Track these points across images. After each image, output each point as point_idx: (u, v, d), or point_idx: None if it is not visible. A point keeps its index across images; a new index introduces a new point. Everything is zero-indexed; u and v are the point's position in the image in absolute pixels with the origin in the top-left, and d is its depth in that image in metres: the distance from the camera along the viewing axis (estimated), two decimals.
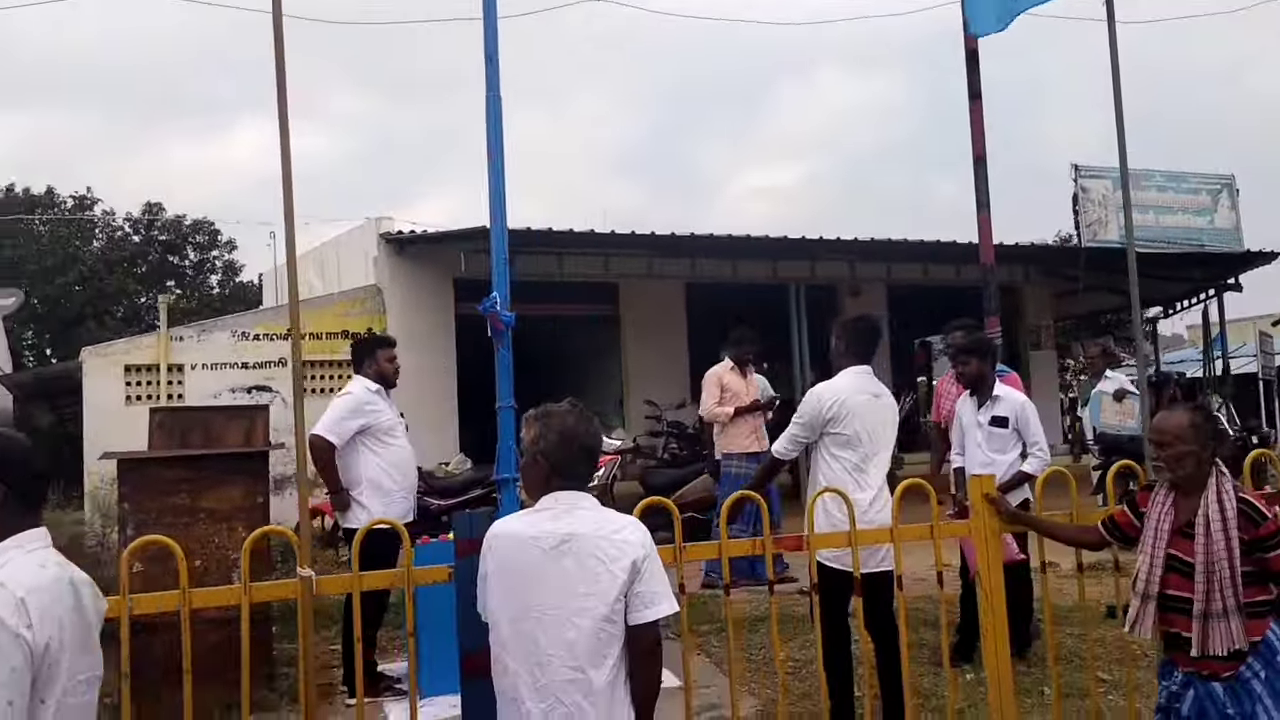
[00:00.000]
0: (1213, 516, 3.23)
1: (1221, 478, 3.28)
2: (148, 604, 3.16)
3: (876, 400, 4.82)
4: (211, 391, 12.22)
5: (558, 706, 2.65)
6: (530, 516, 2.89)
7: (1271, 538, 3.19)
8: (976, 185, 6.88)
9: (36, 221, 27.91)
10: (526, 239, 11.82)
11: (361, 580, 3.35)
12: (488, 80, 6.17)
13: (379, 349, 6.15)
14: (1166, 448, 3.34)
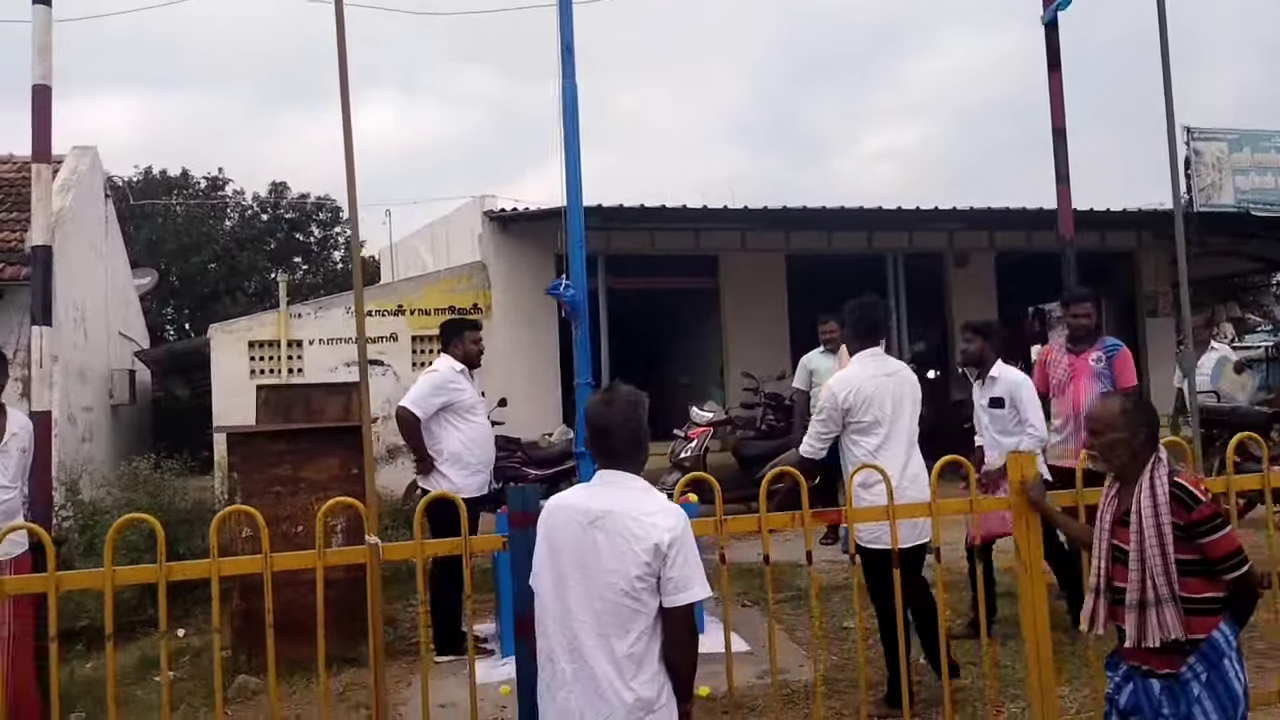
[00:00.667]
0: (1144, 503, 3.15)
1: (1158, 464, 3.19)
2: (233, 566, 3.53)
3: (890, 379, 4.93)
4: (328, 366, 12.85)
5: (585, 668, 2.86)
6: (582, 491, 3.12)
7: (1205, 522, 3.08)
8: (1056, 158, 6.80)
9: (173, 203, 29.46)
10: (619, 215, 12.09)
11: (423, 548, 3.65)
12: (564, 69, 6.47)
13: (466, 331, 6.50)
14: (1098, 436, 3.28)
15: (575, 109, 6.42)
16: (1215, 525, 3.09)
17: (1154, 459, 3.22)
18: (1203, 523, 3.10)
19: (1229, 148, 12.67)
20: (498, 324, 13.28)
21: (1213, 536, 3.09)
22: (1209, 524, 3.09)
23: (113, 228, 14.53)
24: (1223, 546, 3.08)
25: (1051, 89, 6.74)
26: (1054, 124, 6.79)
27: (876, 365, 4.97)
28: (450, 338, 6.52)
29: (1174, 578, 3.09)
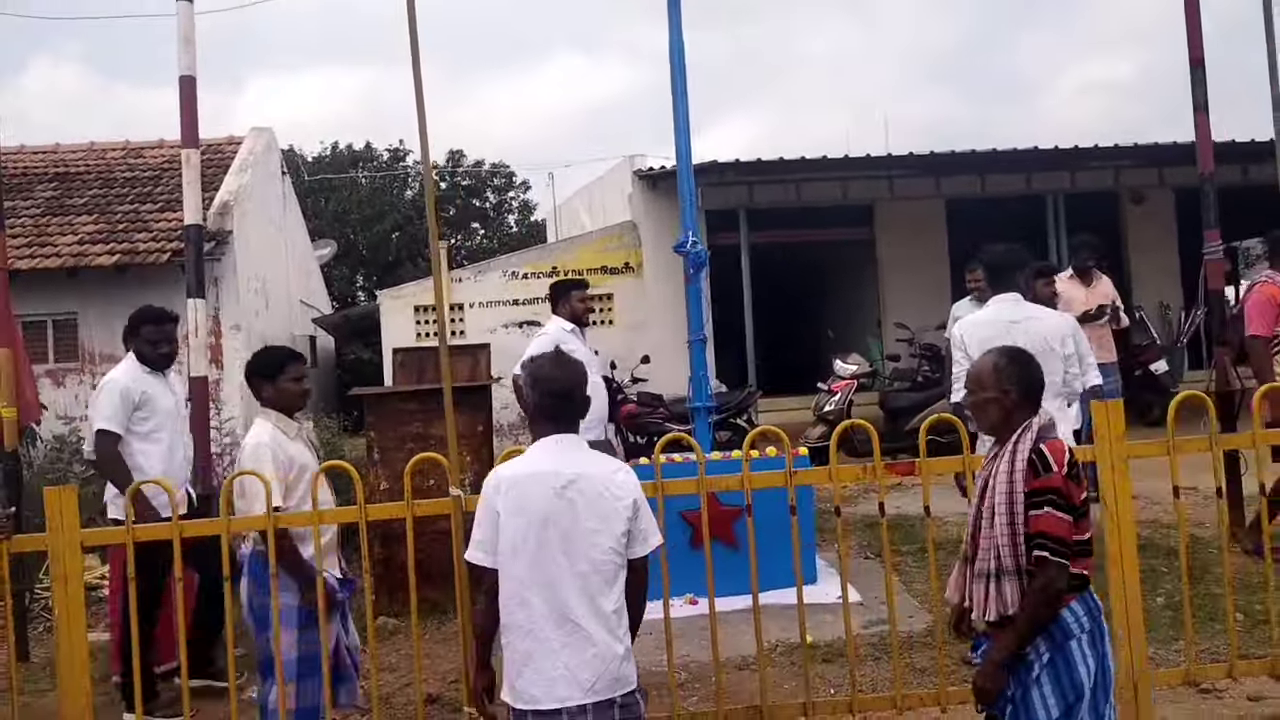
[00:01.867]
0: (1002, 468, 2.95)
1: (1028, 430, 2.96)
2: (332, 516, 3.86)
3: (1015, 325, 4.80)
4: (488, 327, 13.42)
5: (576, 632, 2.91)
6: (529, 458, 3.07)
7: (1047, 492, 2.84)
8: (1194, 89, 6.37)
9: (359, 175, 31.02)
10: (761, 169, 12.04)
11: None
12: (670, 23, 6.53)
13: (573, 290, 6.66)
14: (971, 394, 3.12)
15: (683, 66, 6.48)
16: (1053, 500, 2.84)
17: (1027, 423, 2.99)
18: (1045, 491, 2.85)
19: None
20: (649, 281, 13.51)
21: (1048, 510, 2.84)
22: (1048, 494, 2.85)
23: (290, 203, 15.51)
24: (1048, 524, 2.83)
25: (1189, 18, 6.32)
26: (1191, 55, 6.36)
27: (1003, 310, 4.89)
28: (557, 299, 6.69)
29: (1020, 549, 2.87)
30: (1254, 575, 5.19)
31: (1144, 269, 14.39)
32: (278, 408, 4.18)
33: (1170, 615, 5.27)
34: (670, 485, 3.99)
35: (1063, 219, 12.16)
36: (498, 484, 3.00)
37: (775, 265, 14.68)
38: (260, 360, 4.29)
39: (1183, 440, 3.89)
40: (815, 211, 13.75)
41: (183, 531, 3.88)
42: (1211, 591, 5.45)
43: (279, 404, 4.18)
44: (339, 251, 25.78)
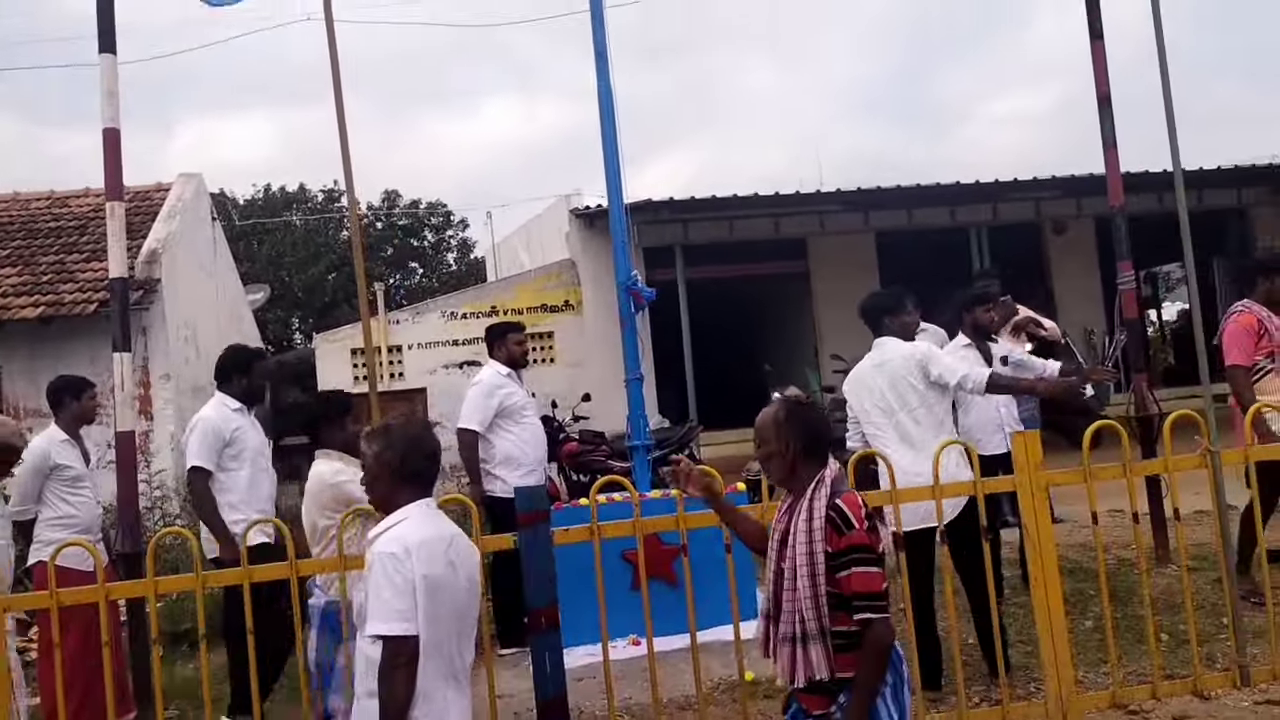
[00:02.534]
0: (800, 525, 2.86)
1: (821, 483, 2.88)
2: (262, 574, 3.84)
3: (878, 368, 4.96)
4: (428, 369, 13.35)
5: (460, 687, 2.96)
6: (420, 523, 2.98)
7: (854, 550, 2.76)
8: (1102, 125, 6.63)
9: (292, 217, 30.77)
10: (694, 206, 12.22)
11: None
12: (598, 74, 6.63)
13: (508, 333, 6.69)
14: (758, 448, 3.03)
15: (612, 113, 6.57)
16: (861, 557, 2.77)
17: (819, 476, 2.90)
18: (851, 550, 2.77)
19: None
20: (589, 319, 13.56)
21: (856, 569, 2.76)
22: (855, 554, 2.76)
23: (221, 248, 15.34)
24: (861, 583, 2.75)
25: (1094, 57, 6.58)
26: (1098, 91, 6.62)
27: (872, 355, 5.05)
28: (494, 341, 6.71)
29: (824, 610, 2.78)
30: (1177, 596, 5.35)
31: (1067, 296, 14.79)
32: (341, 449, 4.34)
33: (1099, 638, 5.38)
34: (607, 528, 4.03)
35: (986, 250, 12.48)
36: (408, 550, 2.90)
37: (713, 300, 14.83)
38: (326, 405, 4.51)
39: (1098, 468, 4.01)
40: (750, 246, 13.95)
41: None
42: (1138, 613, 5.58)
43: (342, 446, 4.36)
44: (274, 295, 25.49)
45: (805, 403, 3.12)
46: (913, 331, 5.21)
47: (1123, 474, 4.04)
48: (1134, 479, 4.07)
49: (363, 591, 2.98)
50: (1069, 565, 6.69)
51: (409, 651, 2.83)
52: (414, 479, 3.02)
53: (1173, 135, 4.11)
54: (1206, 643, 4.97)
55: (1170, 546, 6.42)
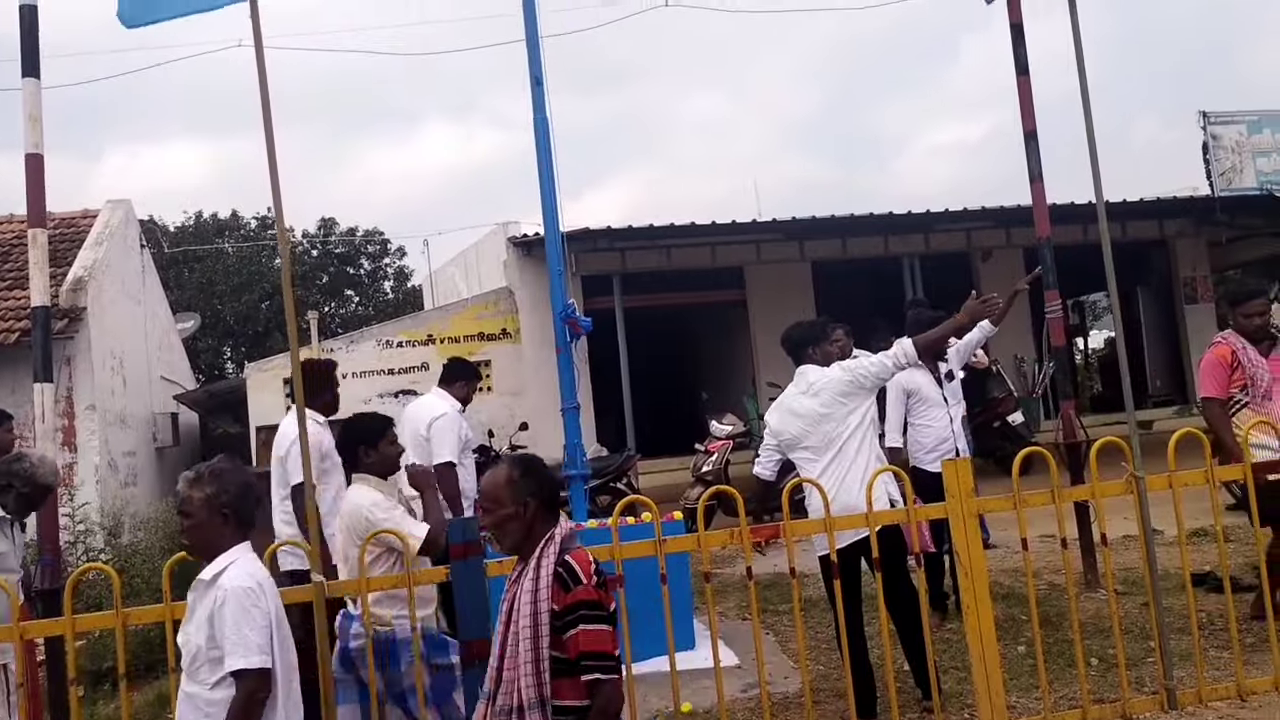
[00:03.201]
0: (526, 587, 2.69)
1: (551, 541, 2.74)
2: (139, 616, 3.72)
3: (805, 396, 4.98)
4: (362, 398, 13.15)
5: None
6: (254, 562, 3.06)
7: (580, 607, 2.61)
8: (1028, 159, 6.79)
9: (225, 244, 30.28)
10: (632, 235, 12.27)
11: (366, 584, 3.81)
12: (534, 103, 6.62)
13: (474, 378, 6.64)
14: (488, 513, 2.86)
15: (548, 142, 6.57)
16: (588, 614, 2.62)
17: (550, 534, 2.77)
18: (577, 607, 2.62)
19: (1248, 130, 12.46)
20: (526, 347, 13.51)
21: (583, 627, 2.60)
22: (582, 610, 2.61)
23: (150, 276, 15.04)
24: (589, 641, 2.60)
25: (1021, 93, 6.75)
26: (1025, 127, 6.78)
27: (797, 384, 5.06)
28: (460, 378, 6.50)
29: (544, 678, 2.61)
30: (1106, 620, 5.43)
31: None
32: (376, 473, 4.22)
33: (1031, 663, 5.45)
34: None
35: (919, 278, 12.69)
36: (260, 587, 2.92)
37: (651, 329, 14.88)
38: (361, 427, 4.34)
39: (1028, 494, 4.07)
40: (688, 275, 14.03)
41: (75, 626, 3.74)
42: (1068, 638, 5.66)
43: (380, 469, 4.23)
44: (205, 324, 25.01)
45: (537, 459, 2.97)
46: (834, 360, 5.26)
47: (1051, 500, 4.11)
48: (1062, 505, 4.13)
49: (199, 633, 2.92)
50: (1002, 590, 6.78)
51: (268, 686, 2.81)
52: (242, 523, 3.03)
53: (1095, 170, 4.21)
54: (1135, 666, 5.05)
55: (1099, 571, 6.53)
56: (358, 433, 4.31)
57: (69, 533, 8.84)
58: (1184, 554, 4.43)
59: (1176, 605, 5.56)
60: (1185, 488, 4.20)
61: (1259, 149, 12.49)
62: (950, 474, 3.99)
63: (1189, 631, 4.34)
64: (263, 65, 3.88)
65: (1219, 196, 12.50)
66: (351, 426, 4.40)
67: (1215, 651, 5.25)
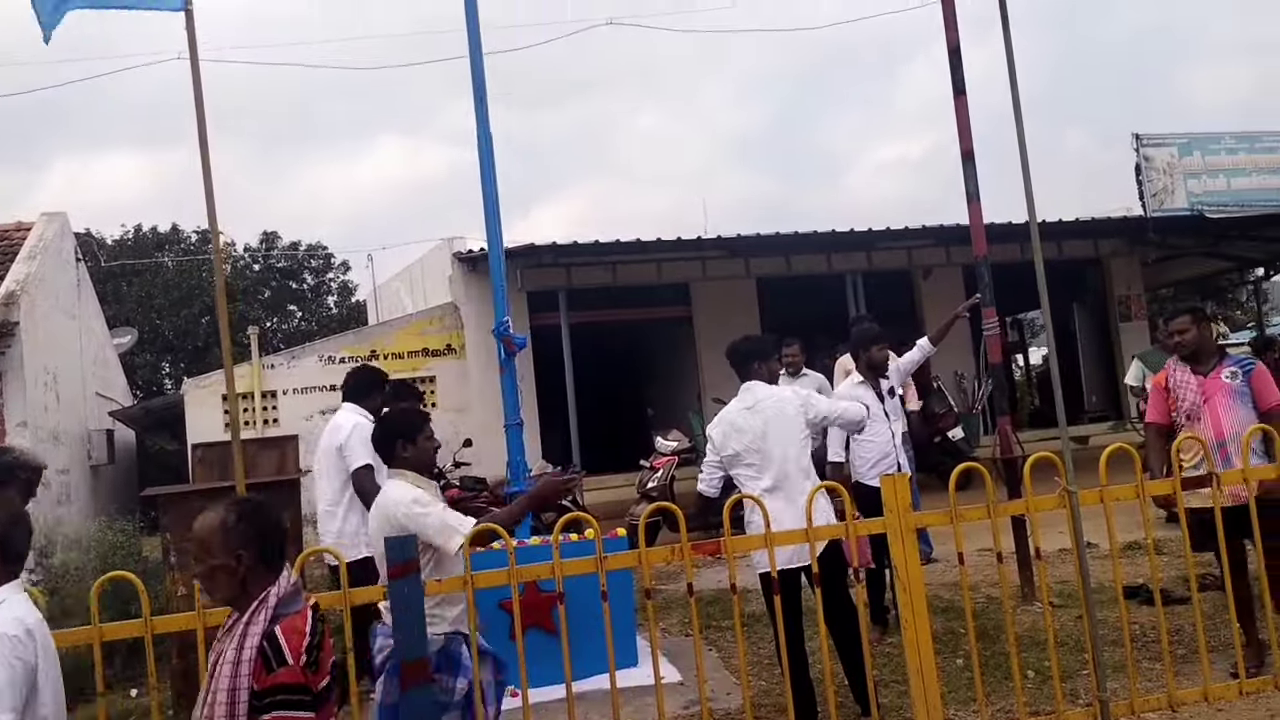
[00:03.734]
0: (228, 655, 2.43)
1: (265, 603, 2.47)
2: (112, 631, 3.65)
3: (751, 412, 5.01)
4: (303, 414, 12.99)
5: None
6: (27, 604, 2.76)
7: (280, 690, 2.37)
8: (965, 180, 6.92)
9: (165, 258, 29.77)
10: (577, 251, 12.27)
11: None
12: (478, 120, 6.62)
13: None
14: (198, 562, 2.58)
15: (492, 159, 6.56)
16: (289, 701, 2.38)
17: (265, 593, 2.49)
18: (276, 690, 2.36)
19: (1179, 152, 12.80)
20: (471, 363, 13.42)
21: (278, 714, 2.37)
22: (280, 694, 2.37)
23: (86, 290, 14.74)
24: None
25: (958, 113, 6.87)
26: (962, 147, 6.91)
27: (744, 400, 5.09)
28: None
29: None
30: (1042, 633, 5.52)
31: None
32: (414, 468, 4.14)
33: (969, 676, 5.51)
34: (480, 577, 3.95)
35: (862, 295, 12.84)
36: (29, 632, 2.59)
37: (597, 344, 14.86)
38: (400, 421, 4.24)
39: (965, 509, 4.12)
40: (634, 291, 14.05)
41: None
42: (1006, 650, 5.74)
43: (417, 464, 4.15)
44: (143, 338, 24.55)
45: (261, 504, 2.72)
46: (778, 376, 5.30)
47: (987, 515, 4.16)
48: (998, 519, 4.19)
49: None
50: (941, 604, 6.85)
51: None
52: (12, 559, 2.77)
53: (1029, 191, 4.30)
54: (1070, 679, 5.13)
55: (1035, 584, 6.63)
56: (397, 427, 4.20)
57: None
58: (1116, 567, 4.51)
59: (1110, 618, 5.66)
60: (1118, 502, 4.28)
61: (1189, 170, 12.82)
62: (888, 490, 4.03)
63: (1122, 644, 4.41)
64: (198, 77, 3.84)
65: (1151, 217, 12.79)
66: (390, 421, 4.32)
67: (1148, 663, 5.37)
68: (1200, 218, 13.09)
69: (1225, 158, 13.07)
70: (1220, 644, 5.50)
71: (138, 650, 6.95)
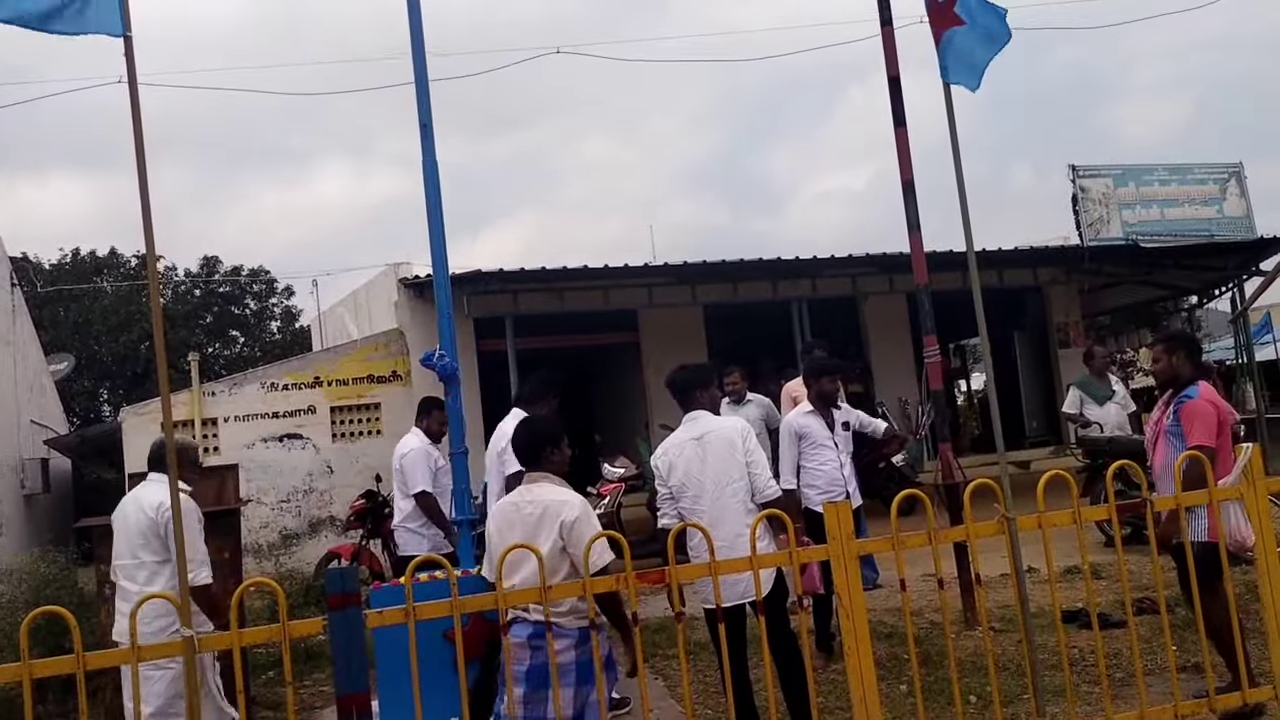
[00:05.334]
0: None
1: None
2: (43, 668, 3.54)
3: (698, 443, 5.03)
4: (245, 442, 12.79)
5: None
6: None
7: None
8: (906, 209, 7.04)
9: (104, 283, 29.22)
10: (524, 277, 12.26)
11: (240, 637, 3.67)
12: (424, 147, 6.59)
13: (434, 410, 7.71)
14: None
15: (437, 185, 6.54)
16: None
17: None
18: None
19: (1114, 183, 13.14)
20: (417, 390, 13.27)
21: None
22: None
23: (21, 315, 14.43)
24: None
25: (899, 144, 6.99)
26: (903, 177, 7.03)
27: (689, 430, 5.11)
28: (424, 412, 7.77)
29: None
30: (984, 658, 5.57)
31: (883, 367, 15.48)
32: (557, 472, 4.23)
33: (913, 702, 5.55)
34: (424, 609, 3.90)
35: (807, 322, 12.97)
36: None
37: (555, 368, 14.84)
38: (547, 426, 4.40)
39: (906, 535, 4.16)
40: (581, 317, 14.05)
41: None
42: (948, 675, 5.79)
43: (559, 469, 4.25)
44: (80, 364, 24.03)
45: None
46: (719, 404, 5.32)
47: (929, 541, 4.20)
48: (939, 545, 4.23)
49: None
50: (885, 630, 6.89)
51: None
52: None
53: (966, 220, 4.38)
54: (1011, 703, 5.19)
55: (977, 609, 6.70)
56: (545, 432, 4.32)
57: None
58: (1055, 592, 4.57)
59: (1050, 642, 5.73)
60: (1055, 528, 4.34)
61: (1124, 201, 13.14)
62: (831, 517, 4.05)
63: (1061, 668, 4.47)
64: (136, 103, 3.79)
65: (1088, 246, 13.09)
66: (536, 425, 4.43)
67: (1087, 687, 5.44)
68: (1135, 247, 13.41)
69: (1159, 188, 13.44)
70: (1156, 667, 5.60)
71: (72, 686, 6.78)
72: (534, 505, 4.12)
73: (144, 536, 5.13)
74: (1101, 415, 9.59)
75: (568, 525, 3.99)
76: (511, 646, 3.98)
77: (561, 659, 3.92)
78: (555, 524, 4.04)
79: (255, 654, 7.16)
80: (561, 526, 4.02)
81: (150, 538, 5.12)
